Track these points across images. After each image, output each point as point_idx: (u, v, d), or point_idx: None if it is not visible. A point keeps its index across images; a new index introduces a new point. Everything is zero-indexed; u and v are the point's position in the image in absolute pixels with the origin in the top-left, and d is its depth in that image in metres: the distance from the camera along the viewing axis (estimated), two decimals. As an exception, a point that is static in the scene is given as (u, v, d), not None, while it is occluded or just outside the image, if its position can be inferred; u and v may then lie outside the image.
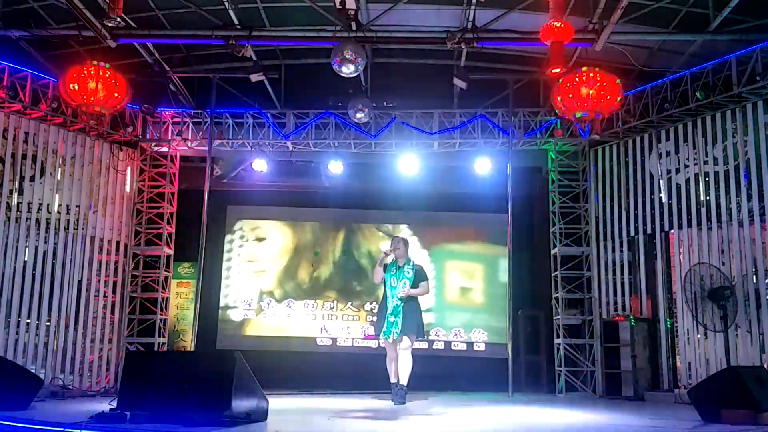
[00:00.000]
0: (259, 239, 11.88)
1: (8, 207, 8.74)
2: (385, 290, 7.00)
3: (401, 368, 6.80)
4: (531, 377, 10.63)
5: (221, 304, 11.58)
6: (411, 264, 7.02)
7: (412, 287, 6.84)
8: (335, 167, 10.73)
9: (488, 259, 11.64)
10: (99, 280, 9.67)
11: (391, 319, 6.76)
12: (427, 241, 11.69)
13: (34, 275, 8.94)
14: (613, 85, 7.22)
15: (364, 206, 11.91)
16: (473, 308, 11.58)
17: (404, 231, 11.62)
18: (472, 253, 11.77)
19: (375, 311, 11.37)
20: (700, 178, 8.81)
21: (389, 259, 7.04)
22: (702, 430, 4.79)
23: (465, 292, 11.62)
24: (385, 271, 7.00)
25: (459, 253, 11.75)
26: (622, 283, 9.67)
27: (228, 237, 11.83)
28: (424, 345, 10.76)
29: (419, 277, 6.98)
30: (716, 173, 8.62)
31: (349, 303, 11.60)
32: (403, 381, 6.80)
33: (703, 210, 8.72)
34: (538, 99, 10.34)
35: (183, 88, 10.47)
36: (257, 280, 11.70)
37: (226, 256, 11.76)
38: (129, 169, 10.27)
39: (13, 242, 8.74)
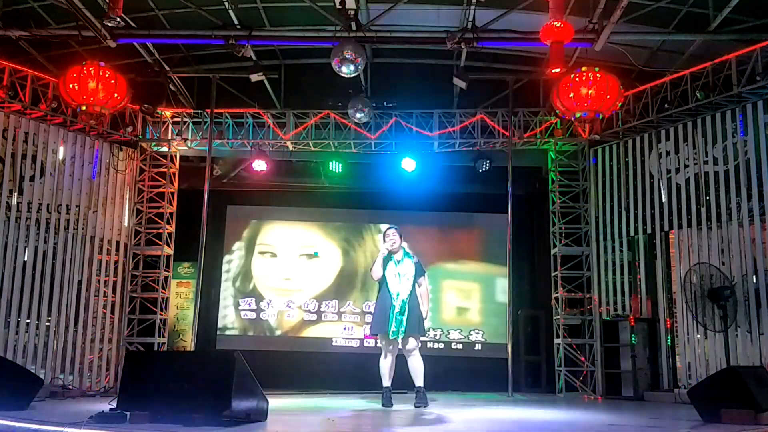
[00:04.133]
0: (259, 239, 11.87)
1: (8, 207, 8.74)
2: (384, 286, 6.57)
3: (417, 370, 6.55)
4: (531, 377, 10.64)
5: (221, 304, 11.58)
6: (409, 256, 6.68)
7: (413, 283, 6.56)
8: (335, 167, 10.73)
9: (487, 259, 11.64)
10: (99, 280, 9.68)
11: (398, 317, 6.39)
12: (426, 241, 11.68)
13: (34, 275, 8.93)
14: (613, 84, 7.23)
15: (364, 206, 11.92)
16: (472, 308, 11.58)
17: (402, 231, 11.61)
18: (471, 253, 11.78)
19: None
20: (699, 178, 8.81)
21: (385, 252, 6.60)
22: (702, 431, 4.79)
23: (464, 292, 11.61)
24: (382, 265, 6.59)
25: (458, 252, 11.75)
26: (622, 283, 9.67)
27: (227, 237, 11.83)
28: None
29: (419, 272, 6.63)
30: (716, 173, 8.63)
31: (349, 303, 11.60)
32: (420, 382, 6.55)
33: (703, 210, 8.72)
34: (537, 99, 10.35)
35: (183, 88, 10.48)
36: (256, 280, 11.70)
37: (225, 255, 11.76)
38: (129, 169, 10.28)
39: (13, 242, 8.74)
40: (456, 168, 10.99)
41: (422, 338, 6.80)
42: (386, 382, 6.53)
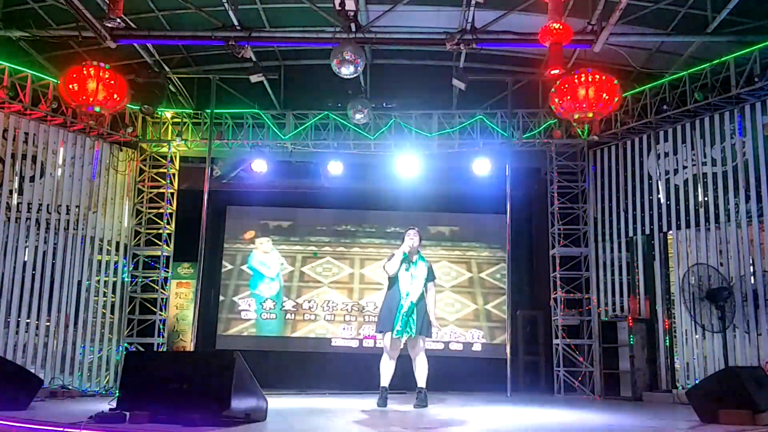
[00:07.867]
0: (259, 240, 11.88)
1: (8, 207, 8.75)
2: (395, 285, 6.56)
3: (421, 371, 6.60)
4: (529, 378, 10.65)
5: (220, 304, 11.59)
6: (423, 259, 6.71)
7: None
8: (334, 168, 10.75)
9: (487, 260, 11.65)
10: (99, 280, 9.69)
11: (404, 318, 6.41)
12: (425, 241, 11.68)
13: (34, 275, 8.95)
14: (612, 86, 7.23)
15: (364, 207, 11.93)
16: (472, 308, 11.59)
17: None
18: (470, 254, 11.79)
19: (374, 311, 11.47)
20: (698, 179, 8.83)
21: (406, 250, 6.59)
22: (700, 431, 4.81)
23: (464, 292, 11.62)
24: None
25: (458, 253, 11.77)
26: (621, 284, 9.70)
27: (227, 237, 11.83)
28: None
29: (429, 276, 6.67)
30: (714, 174, 8.65)
31: (349, 303, 11.62)
32: (423, 383, 6.60)
33: (702, 211, 8.75)
34: (537, 100, 10.36)
35: (183, 88, 10.49)
36: (256, 280, 11.70)
37: (225, 255, 11.76)
38: (128, 169, 10.29)
39: (13, 242, 8.75)
40: (455, 169, 10.98)
41: (430, 337, 6.83)
42: (384, 382, 6.54)
